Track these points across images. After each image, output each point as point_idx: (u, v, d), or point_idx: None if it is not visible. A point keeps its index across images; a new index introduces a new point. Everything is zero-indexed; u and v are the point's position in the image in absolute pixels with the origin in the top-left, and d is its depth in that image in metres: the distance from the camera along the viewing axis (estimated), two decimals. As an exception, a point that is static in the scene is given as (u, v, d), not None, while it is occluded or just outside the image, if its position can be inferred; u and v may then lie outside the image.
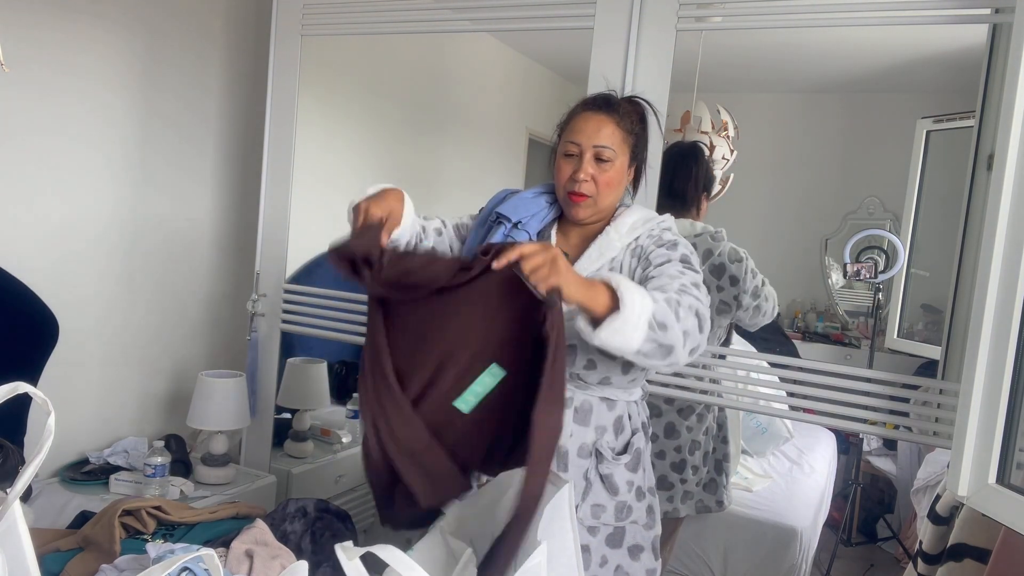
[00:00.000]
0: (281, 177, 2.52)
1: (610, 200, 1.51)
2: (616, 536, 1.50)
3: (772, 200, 3.75)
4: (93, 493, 2.21)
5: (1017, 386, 1.35)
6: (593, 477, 1.49)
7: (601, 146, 1.46)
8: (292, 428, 2.73)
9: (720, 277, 2.17)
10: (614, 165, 1.48)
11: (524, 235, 1.52)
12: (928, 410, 1.81)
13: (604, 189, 1.48)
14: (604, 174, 1.47)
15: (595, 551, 1.49)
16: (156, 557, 1.19)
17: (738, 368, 2.04)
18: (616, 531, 1.50)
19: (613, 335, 1.22)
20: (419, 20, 2.29)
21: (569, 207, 1.51)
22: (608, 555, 1.50)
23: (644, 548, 1.53)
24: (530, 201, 1.56)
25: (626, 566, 1.51)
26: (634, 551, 1.52)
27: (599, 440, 1.49)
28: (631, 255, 1.50)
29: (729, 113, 2.96)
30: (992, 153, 1.52)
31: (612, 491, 1.49)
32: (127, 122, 2.43)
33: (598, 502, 1.49)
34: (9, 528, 0.95)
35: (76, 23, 2.24)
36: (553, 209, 1.58)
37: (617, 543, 1.51)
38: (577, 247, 1.55)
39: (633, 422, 1.54)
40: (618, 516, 1.50)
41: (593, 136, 1.46)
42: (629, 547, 1.51)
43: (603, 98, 1.52)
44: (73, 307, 2.32)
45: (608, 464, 1.49)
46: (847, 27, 1.83)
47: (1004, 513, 1.33)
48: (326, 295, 2.48)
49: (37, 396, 0.98)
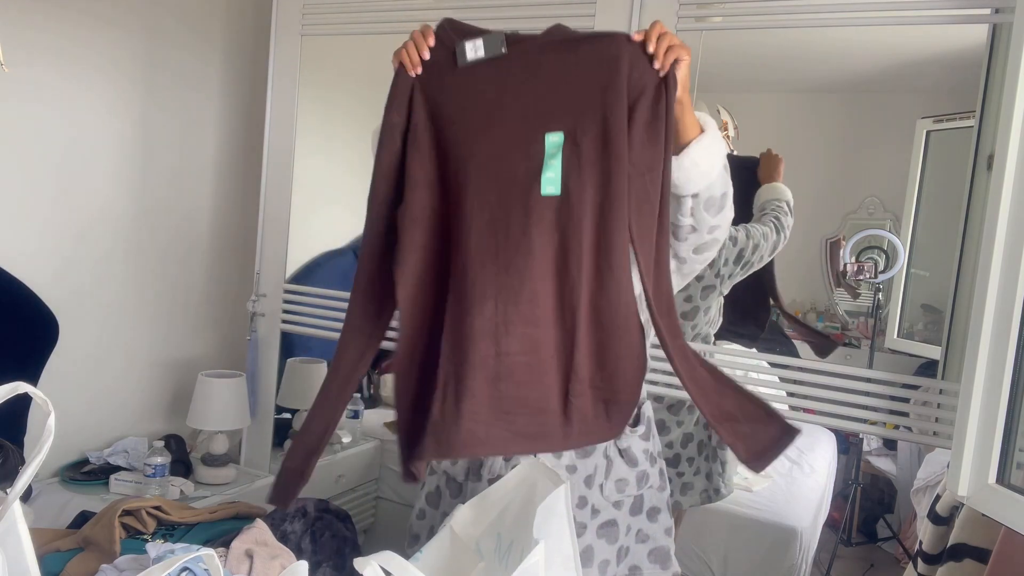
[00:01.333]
0: (281, 177, 2.52)
1: None
2: (637, 504, 1.51)
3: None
4: (93, 493, 2.21)
5: (1017, 386, 1.35)
6: (613, 454, 1.48)
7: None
8: (292, 428, 2.73)
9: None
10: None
11: None
12: (928, 410, 1.81)
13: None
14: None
15: (621, 523, 1.49)
16: (156, 557, 1.19)
17: (736, 368, 2.04)
18: (636, 499, 1.51)
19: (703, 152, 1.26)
20: (419, 20, 2.27)
21: None
22: (631, 523, 1.51)
23: (661, 509, 1.54)
24: None
25: (646, 528, 1.51)
26: (652, 513, 1.52)
27: None
28: None
29: (729, 113, 2.96)
30: (992, 153, 1.52)
31: (632, 463, 1.49)
32: (127, 122, 2.43)
33: (621, 476, 1.48)
34: (9, 528, 0.95)
35: (76, 23, 2.24)
36: None
37: (638, 510, 1.51)
38: None
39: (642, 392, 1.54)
40: (639, 485, 1.50)
41: None
42: (648, 511, 1.52)
43: None
44: (73, 307, 2.32)
45: (626, 438, 1.48)
46: (847, 27, 1.83)
47: (1004, 513, 1.33)
48: (326, 295, 2.49)
49: (37, 396, 0.98)
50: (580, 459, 1.45)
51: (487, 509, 1.23)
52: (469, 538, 1.21)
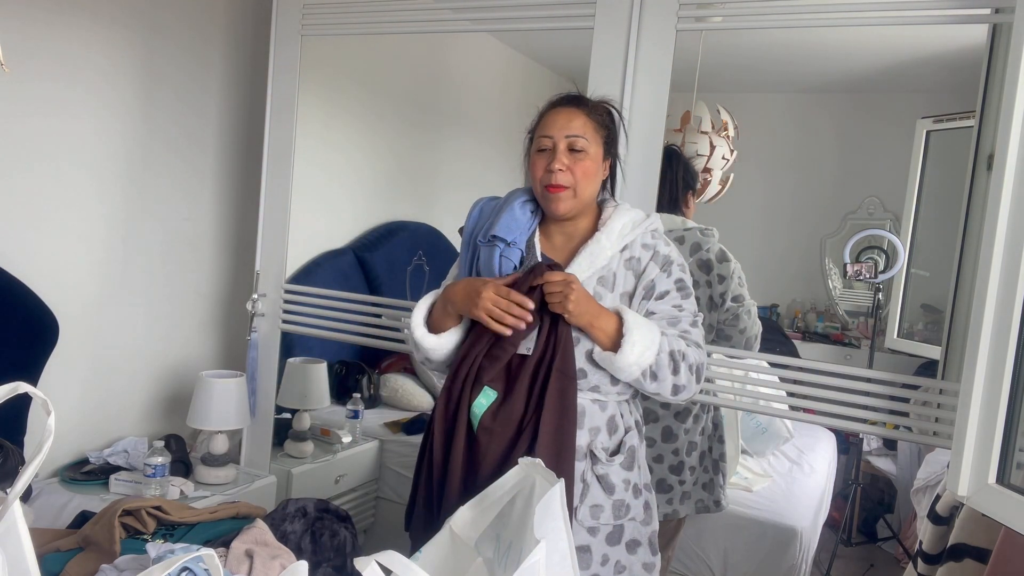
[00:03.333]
0: (281, 177, 2.52)
1: (589, 192, 1.51)
2: (615, 534, 1.51)
3: (772, 200, 3.75)
4: (93, 493, 2.21)
5: (1017, 386, 1.35)
6: (590, 479, 1.50)
7: (574, 136, 1.47)
8: (292, 428, 2.73)
9: (708, 273, 2.17)
10: (588, 154, 1.49)
11: (517, 252, 1.53)
12: (928, 410, 1.81)
13: (582, 179, 1.48)
14: (579, 163, 1.48)
15: (596, 551, 1.50)
16: (156, 557, 1.19)
17: (736, 368, 2.04)
18: (615, 529, 1.51)
19: (609, 367, 1.45)
20: (419, 20, 2.29)
21: (548, 201, 1.50)
22: (608, 553, 1.51)
23: (641, 543, 1.54)
24: (519, 216, 1.55)
25: (624, 560, 1.52)
26: (631, 546, 1.53)
27: (593, 441, 1.50)
28: (624, 266, 1.51)
29: (729, 113, 2.96)
30: (992, 153, 1.52)
31: (609, 491, 1.50)
32: (127, 122, 2.43)
33: (596, 503, 1.50)
34: (9, 528, 0.95)
35: (76, 24, 2.24)
36: (536, 216, 1.57)
37: (616, 540, 1.52)
38: (564, 251, 1.55)
39: (626, 420, 1.55)
40: (616, 514, 1.51)
41: (565, 127, 1.48)
42: (627, 543, 1.53)
43: (571, 95, 1.54)
44: (73, 307, 2.32)
45: (603, 465, 1.50)
46: (847, 27, 1.83)
47: (1004, 513, 1.33)
48: (326, 295, 2.49)
49: (37, 396, 0.98)
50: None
51: (486, 509, 1.24)
52: (468, 538, 1.21)
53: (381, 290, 3.20)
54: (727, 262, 2.17)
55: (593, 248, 1.50)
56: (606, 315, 1.43)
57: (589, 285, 1.49)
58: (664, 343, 1.43)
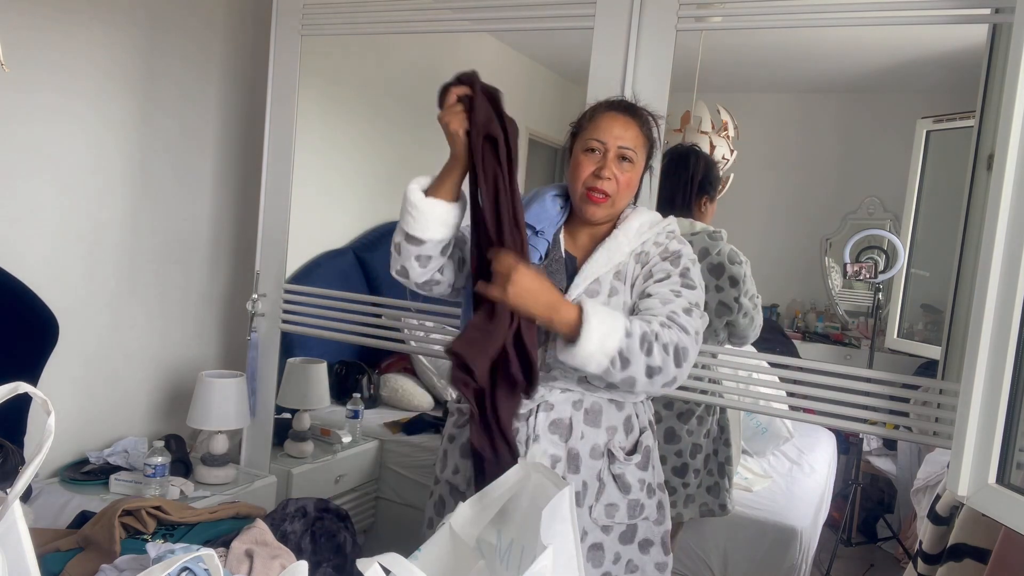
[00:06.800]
0: (281, 177, 2.51)
1: (625, 201, 1.52)
2: (628, 533, 1.53)
3: (772, 200, 3.75)
4: (93, 493, 2.21)
5: (1017, 386, 1.35)
6: (606, 478, 1.51)
7: (626, 147, 1.47)
8: (292, 428, 2.73)
9: (719, 277, 2.16)
10: (634, 167, 1.49)
11: (544, 243, 1.54)
12: (928, 410, 1.81)
13: (624, 190, 1.49)
14: (625, 175, 1.48)
15: (608, 549, 1.51)
16: (156, 557, 1.19)
17: (738, 368, 2.04)
18: (628, 528, 1.53)
19: (569, 358, 1.36)
20: (419, 20, 2.29)
21: (586, 205, 1.50)
22: (621, 551, 1.52)
23: (654, 543, 1.56)
24: (549, 208, 1.56)
25: (636, 559, 1.53)
26: (644, 545, 1.54)
27: (611, 440, 1.51)
28: (635, 261, 1.51)
29: (729, 113, 2.96)
30: (992, 153, 1.52)
31: (624, 490, 1.52)
32: (127, 122, 2.43)
33: (611, 502, 1.51)
34: (9, 528, 0.95)
35: (75, 24, 2.24)
36: (564, 212, 1.58)
37: (629, 539, 1.53)
38: (585, 248, 1.56)
39: (640, 420, 1.57)
40: (631, 514, 1.52)
41: (620, 137, 1.47)
42: (640, 542, 1.54)
43: (626, 102, 1.54)
44: (73, 307, 2.32)
45: (620, 464, 1.51)
46: (847, 27, 1.83)
47: (1004, 513, 1.33)
48: (326, 295, 2.49)
49: (37, 396, 0.98)
50: (570, 473, 1.48)
51: (486, 508, 1.24)
52: (468, 536, 1.21)
53: (381, 290, 3.19)
54: (739, 264, 2.15)
55: (611, 245, 1.51)
56: (567, 307, 1.37)
57: (607, 280, 1.49)
58: (632, 326, 1.36)
